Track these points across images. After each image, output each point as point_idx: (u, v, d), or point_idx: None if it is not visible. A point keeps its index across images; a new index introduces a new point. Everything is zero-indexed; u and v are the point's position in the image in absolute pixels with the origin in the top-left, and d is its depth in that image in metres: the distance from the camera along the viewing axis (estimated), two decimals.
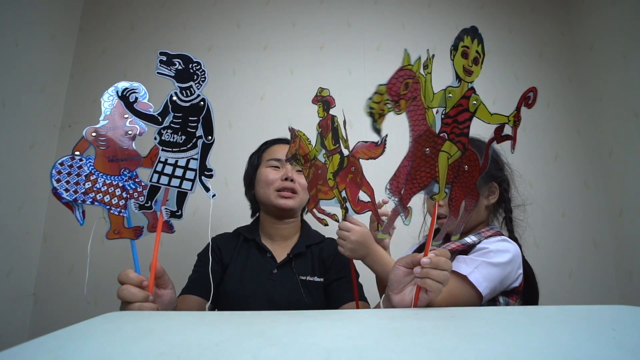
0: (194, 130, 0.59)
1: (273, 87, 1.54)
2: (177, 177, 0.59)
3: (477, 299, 0.66)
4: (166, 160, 0.58)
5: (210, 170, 0.60)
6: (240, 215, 1.14)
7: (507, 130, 0.58)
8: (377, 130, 0.60)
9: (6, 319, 1.26)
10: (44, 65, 1.43)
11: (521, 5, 1.68)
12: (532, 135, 1.51)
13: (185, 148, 0.59)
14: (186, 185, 0.59)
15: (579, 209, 1.48)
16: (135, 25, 1.62)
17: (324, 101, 0.70)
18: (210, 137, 0.60)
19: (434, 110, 0.57)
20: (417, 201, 0.73)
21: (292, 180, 0.94)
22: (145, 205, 0.59)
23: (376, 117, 0.60)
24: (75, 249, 1.41)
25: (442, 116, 0.56)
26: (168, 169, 0.58)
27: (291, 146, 0.77)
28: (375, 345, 0.33)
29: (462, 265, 0.67)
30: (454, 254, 0.74)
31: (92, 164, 0.58)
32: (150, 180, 0.58)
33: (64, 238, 1.42)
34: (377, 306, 0.84)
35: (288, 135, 1.02)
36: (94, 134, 0.58)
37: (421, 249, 0.86)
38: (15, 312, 1.30)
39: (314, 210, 0.74)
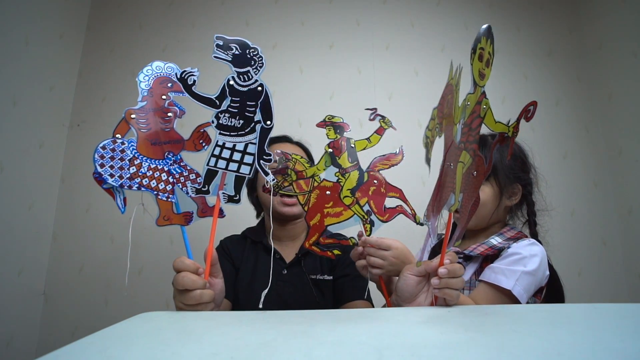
0: (252, 115, 0.58)
1: (282, 85, 1.54)
2: (235, 161, 0.57)
3: None
4: (224, 144, 0.57)
5: (269, 154, 0.59)
6: (247, 216, 1.12)
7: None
8: (429, 161, 0.58)
9: (17, 317, 1.26)
10: (52, 63, 1.42)
11: (530, 3, 1.67)
12: (541, 134, 1.52)
13: (244, 132, 0.58)
14: (244, 169, 0.58)
15: (588, 208, 1.49)
16: (144, 24, 1.61)
17: (337, 126, 0.67)
18: (269, 122, 0.59)
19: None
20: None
21: None
22: (203, 189, 0.58)
23: (430, 147, 0.59)
24: (85, 248, 1.41)
25: (462, 126, 0.53)
26: (226, 153, 0.57)
27: (277, 173, 0.65)
28: (423, 343, 0.33)
29: (502, 277, 0.66)
30: (481, 257, 0.74)
31: (134, 147, 0.55)
32: (208, 164, 0.57)
33: (74, 237, 1.42)
34: None
35: (288, 143, 0.95)
36: (133, 116, 0.55)
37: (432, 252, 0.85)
38: (26, 310, 1.30)
39: (315, 246, 0.63)
